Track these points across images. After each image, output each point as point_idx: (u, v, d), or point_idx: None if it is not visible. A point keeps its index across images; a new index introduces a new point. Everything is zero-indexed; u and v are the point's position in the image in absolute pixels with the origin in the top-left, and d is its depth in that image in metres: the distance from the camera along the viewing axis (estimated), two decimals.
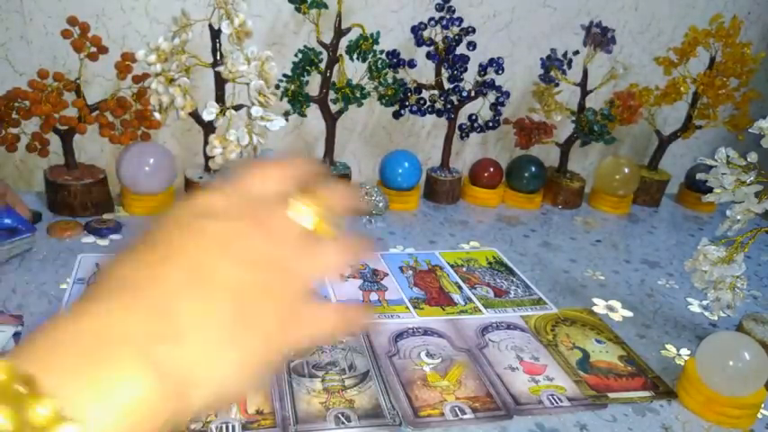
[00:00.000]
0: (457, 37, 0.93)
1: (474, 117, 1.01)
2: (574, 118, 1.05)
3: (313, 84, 0.92)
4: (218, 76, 0.82)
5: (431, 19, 0.93)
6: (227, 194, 0.27)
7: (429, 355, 0.61)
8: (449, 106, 0.97)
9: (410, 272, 0.78)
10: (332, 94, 0.93)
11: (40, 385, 0.18)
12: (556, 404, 0.56)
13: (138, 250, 0.25)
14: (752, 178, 0.62)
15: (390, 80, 0.94)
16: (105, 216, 0.83)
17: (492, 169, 1.05)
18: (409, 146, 1.16)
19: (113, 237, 0.78)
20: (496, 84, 0.96)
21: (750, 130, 0.62)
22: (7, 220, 0.70)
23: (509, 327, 0.68)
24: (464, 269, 0.81)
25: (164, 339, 0.21)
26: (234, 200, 0.27)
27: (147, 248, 0.25)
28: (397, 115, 0.99)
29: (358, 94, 0.91)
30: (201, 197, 0.27)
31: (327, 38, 0.89)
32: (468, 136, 1.02)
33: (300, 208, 0.27)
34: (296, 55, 0.90)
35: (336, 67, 0.91)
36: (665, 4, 1.21)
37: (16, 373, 0.18)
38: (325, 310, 0.28)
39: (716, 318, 0.75)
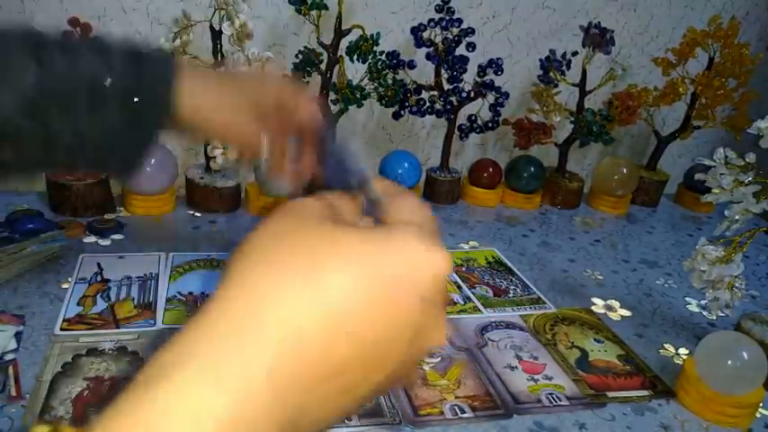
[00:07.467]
0: (456, 38, 0.93)
1: (473, 117, 1.01)
2: (573, 118, 1.05)
3: (313, 85, 0.93)
4: None
5: (430, 20, 0.93)
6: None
7: (428, 353, 0.61)
8: (448, 107, 0.98)
9: None
10: (332, 95, 0.93)
11: None
12: (555, 403, 0.56)
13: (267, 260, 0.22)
14: (750, 178, 0.62)
15: (390, 81, 0.94)
16: (107, 216, 0.83)
17: (491, 169, 1.06)
18: (409, 146, 1.17)
19: (115, 237, 0.78)
20: (496, 84, 0.96)
21: (748, 131, 0.63)
22: (30, 225, 0.70)
23: (508, 326, 0.68)
24: (463, 269, 0.81)
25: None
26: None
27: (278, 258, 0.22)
28: (396, 116, 1.00)
29: (358, 95, 0.91)
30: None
31: (328, 39, 0.90)
32: (467, 136, 1.02)
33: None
34: (296, 56, 0.90)
35: (336, 68, 0.91)
36: (663, 5, 1.22)
37: None
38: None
39: (714, 317, 0.75)
